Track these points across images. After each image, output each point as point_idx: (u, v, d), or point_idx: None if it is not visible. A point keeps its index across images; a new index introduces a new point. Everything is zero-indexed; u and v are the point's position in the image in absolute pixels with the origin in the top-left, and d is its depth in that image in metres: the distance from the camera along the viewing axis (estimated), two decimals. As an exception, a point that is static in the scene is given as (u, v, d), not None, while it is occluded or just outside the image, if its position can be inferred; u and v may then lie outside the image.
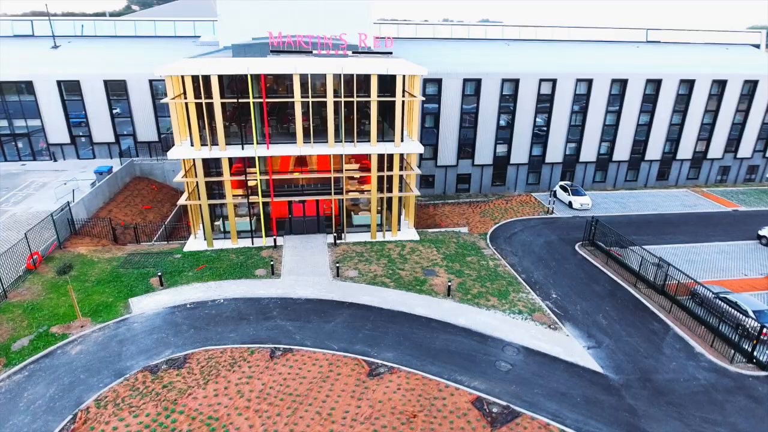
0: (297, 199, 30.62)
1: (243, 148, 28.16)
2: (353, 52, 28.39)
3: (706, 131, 50.79)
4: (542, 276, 29.05)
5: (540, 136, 47.56)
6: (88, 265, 27.93)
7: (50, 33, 46.23)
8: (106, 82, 40.78)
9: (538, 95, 45.88)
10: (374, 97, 28.17)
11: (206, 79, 26.53)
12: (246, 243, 30.57)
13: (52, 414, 17.89)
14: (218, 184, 29.56)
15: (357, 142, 29.28)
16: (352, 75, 27.47)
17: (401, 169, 30.88)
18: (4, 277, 25.00)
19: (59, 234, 29.31)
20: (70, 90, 40.80)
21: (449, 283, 26.14)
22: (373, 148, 29.27)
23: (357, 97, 28.11)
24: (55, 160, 42.06)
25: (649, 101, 48.12)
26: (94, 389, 19.11)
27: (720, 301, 25.12)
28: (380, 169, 30.13)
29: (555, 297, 26.80)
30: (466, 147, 46.67)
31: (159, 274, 26.28)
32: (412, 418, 17.74)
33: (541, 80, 45.52)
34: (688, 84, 48.11)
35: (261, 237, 30.88)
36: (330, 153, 28.88)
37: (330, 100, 27.75)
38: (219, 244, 30.44)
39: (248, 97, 27.08)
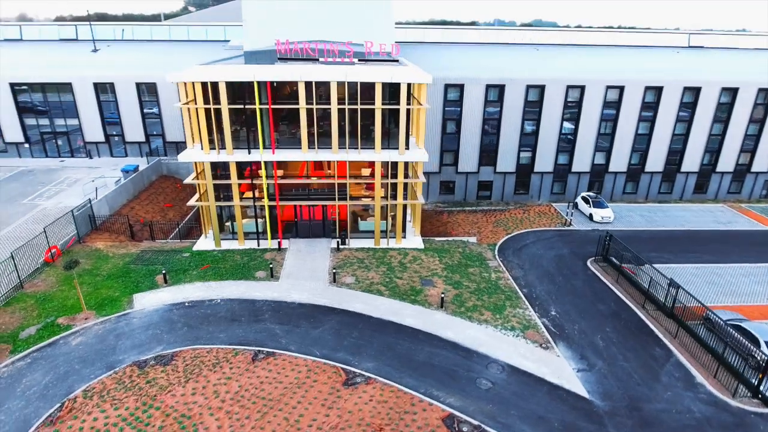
0: (303, 203, 31.10)
1: (249, 152, 28.89)
2: (359, 60, 28.51)
3: (751, 142, 47.60)
4: (545, 291, 28.18)
5: (566, 144, 46.07)
6: (102, 260, 29.47)
7: (91, 37, 49.04)
8: (138, 85, 42.84)
9: (565, 102, 44.45)
10: (378, 105, 28.19)
11: (214, 85, 27.39)
12: (253, 244, 31.34)
13: (44, 401, 19.06)
14: (226, 187, 30.45)
15: (361, 148, 29.39)
16: (356, 83, 27.61)
17: (406, 176, 30.74)
18: (23, 269, 26.82)
19: (79, 229, 31.09)
20: (104, 91, 43.14)
21: (443, 295, 25.83)
22: (378, 155, 29.31)
23: (361, 104, 28.22)
24: (91, 158, 44.60)
25: (687, 110, 45.61)
26: (85, 380, 20.19)
27: (731, 329, 23.56)
28: (384, 176, 30.14)
29: (554, 314, 25.95)
30: (488, 154, 45.83)
31: (164, 271, 27.39)
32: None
33: (569, 87, 44.07)
34: (731, 92, 45.24)
35: (267, 239, 31.56)
36: (334, 159, 29.17)
37: (334, 107, 28.02)
38: (226, 245, 31.36)
39: (255, 103, 27.75)
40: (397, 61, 28.63)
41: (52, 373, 20.54)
